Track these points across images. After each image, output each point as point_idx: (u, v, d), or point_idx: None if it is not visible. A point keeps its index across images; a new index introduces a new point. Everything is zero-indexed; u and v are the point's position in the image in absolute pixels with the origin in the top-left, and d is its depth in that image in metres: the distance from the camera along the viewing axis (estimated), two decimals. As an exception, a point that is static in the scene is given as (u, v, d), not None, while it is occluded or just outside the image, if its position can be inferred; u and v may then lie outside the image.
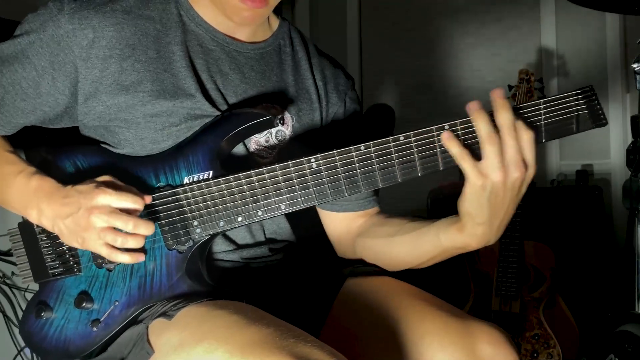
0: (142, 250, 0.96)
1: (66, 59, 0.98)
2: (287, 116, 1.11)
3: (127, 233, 0.92)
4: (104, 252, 0.93)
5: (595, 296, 2.35)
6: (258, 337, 0.77)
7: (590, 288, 2.37)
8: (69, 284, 1.02)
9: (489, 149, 0.84)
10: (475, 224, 0.91)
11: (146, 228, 0.92)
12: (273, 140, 1.09)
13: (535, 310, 2.11)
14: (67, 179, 1.02)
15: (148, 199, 0.95)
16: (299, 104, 1.14)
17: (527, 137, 0.84)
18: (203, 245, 1.00)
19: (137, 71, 0.99)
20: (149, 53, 1.01)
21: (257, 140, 1.08)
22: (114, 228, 0.91)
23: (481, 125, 0.85)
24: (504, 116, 0.84)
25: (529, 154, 0.85)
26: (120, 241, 0.91)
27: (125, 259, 0.94)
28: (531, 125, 0.86)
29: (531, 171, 0.86)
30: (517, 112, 0.87)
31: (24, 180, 0.99)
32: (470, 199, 0.88)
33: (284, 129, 1.10)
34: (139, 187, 0.99)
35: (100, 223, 0.90)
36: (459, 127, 0.89)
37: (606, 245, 2.46)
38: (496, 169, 0.84)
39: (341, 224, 1.19)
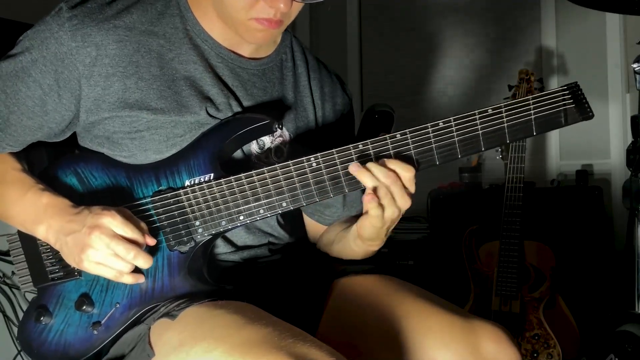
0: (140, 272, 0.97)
1: (71, 76, 0.97)
2: (285, 133, 1.11)
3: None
4: (109, 274, 0.93)
5: (595, 296, 2.35)
6: (256, 337, 0.78)
7: (590, 288, 2.37)
8: (69, 288, 1.02)
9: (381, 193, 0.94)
10: (373, 242, 1.06)
11: (145, 261, 0.92)
12: (272, 158, 1.09)
13: (535, 310, 2.11)
14: (68, 186, 1.03)
15: (151, 242, 0.95)
16: (297, 121, 1.14)
17: (408, 175, 0.94)
18: (205, 246, 1.00)
19: (141, 89, 0.99)
20: (153, 70, 1.00)
21: (257, 156, 1.08)
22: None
23: (367, 180, 0.94)
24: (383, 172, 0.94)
25: (412, 187, 0.96)
26: (124, 268, 0.92)
27: (128, 280, 0.94)
28: (409, 161, 0.95)
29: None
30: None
31: (35, 197, 0.98)
32: (369, 232, 1.02)
33: (282, 147, 1.10)
34: (140, 190, 1.00)
35: (99, 244, 0.89)
36: (452, 124, 0.93)
37: (606, 245, 2.46)
38: (391, 207, 0.95)
39: (315, 229, 1.27)
